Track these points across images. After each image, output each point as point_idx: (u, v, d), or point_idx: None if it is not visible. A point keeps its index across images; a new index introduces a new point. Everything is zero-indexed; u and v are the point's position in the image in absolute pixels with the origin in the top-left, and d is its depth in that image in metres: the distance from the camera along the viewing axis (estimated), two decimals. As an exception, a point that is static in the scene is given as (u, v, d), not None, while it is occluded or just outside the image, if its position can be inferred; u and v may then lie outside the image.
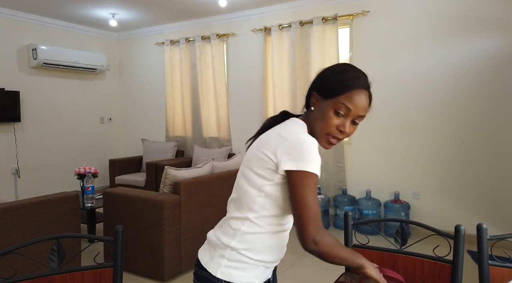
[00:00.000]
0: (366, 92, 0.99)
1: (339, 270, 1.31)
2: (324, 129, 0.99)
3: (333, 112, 0.97)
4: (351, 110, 0.96)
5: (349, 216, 1.31)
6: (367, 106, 0.99)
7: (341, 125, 0.98)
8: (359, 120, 1.00)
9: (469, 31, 3.42)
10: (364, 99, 0.98)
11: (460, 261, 1.13)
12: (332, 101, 0.98)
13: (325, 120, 0.98)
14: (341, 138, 1.00)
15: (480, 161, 3.45)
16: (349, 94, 0.96)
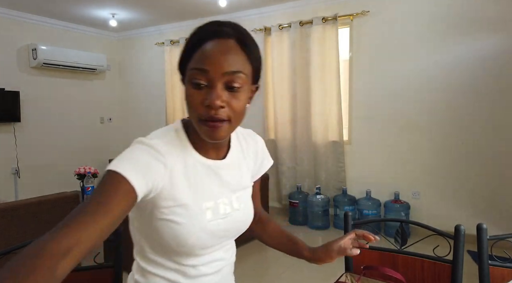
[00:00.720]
0: (221, 40, 0.73)
1: (339, 271, 1.31)
2: (192, 115, 0.75)
3: (191, 87, 0.74)
4: (208, 71, 0.71)
5: (349, 216, 1.31)
6: (233, 56, 0.73)
7: (205, 98, 0.72)
8: (236, 81, 0.73)
9: (469, 31, 3.42)
10: (219, 48, 0.72)
11: (460, 261, 1.13)
12: (187, 75, 0.75)
13: (188, 102, 0.75)
14: (218, 117, 0.72)
15: (480, 161, 3.45)
16: (197, 53, 0.73)
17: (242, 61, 0.74)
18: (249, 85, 0.78)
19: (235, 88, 0.74)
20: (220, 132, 0.75)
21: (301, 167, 4.30)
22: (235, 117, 0.76)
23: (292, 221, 4.16)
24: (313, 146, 4.22)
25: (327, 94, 4.09)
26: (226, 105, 0.73)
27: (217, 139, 0.76)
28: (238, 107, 0.75)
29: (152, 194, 0.74)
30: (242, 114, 0.78)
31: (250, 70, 0.77)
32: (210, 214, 0.82)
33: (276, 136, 4.45)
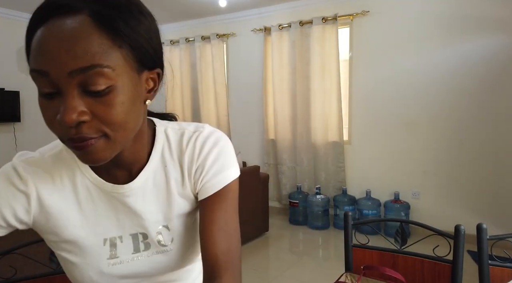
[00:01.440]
0: (62, 19, 0.49)
1: (339, 270, 1.31)
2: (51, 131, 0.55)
3: (39, 96, 0.55)
4: (47, 72, 0.49)
5: (349, 216, 1.31)
6: (81, 43, 0.48)
7: (55, 114, 0.51)
8: (95, 82, 0.49)
9: (469, 31, 3.42)
10: (57, 33, 0.48)
11: (460, 261, 1.13)
12: None
13: (42, 114, 0.56)
14: (81, 137, 0.51)
15: (480, 161, 3.45)
16: (32, 46, 0.51)
17: (101, 46, 0.49)
18: (131, 76, 0.53)
19: (99, 91, 0.50)
20: (95, 154, 0.53)
21: (301, 167, 4.31)
22: (113, 130, 0.52)
23: (292, 221, 4.16)
24: (313, 146, 4.22)
25: (327, 94, 4.09)
26: (91, 117, 0.50)
27: (95, 163, 0.54)
28: (113, 116, 0.51)
29: (24, 227, 0.62)
30: (127, 122, 0.53)
31: (126, 54, 0.52)
32: (110, 253, 0.66)
33: (276, 136, 4.45)
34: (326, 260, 3.27)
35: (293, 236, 3.82)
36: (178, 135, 0.70)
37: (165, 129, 0.71)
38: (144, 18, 0.55)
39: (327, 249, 3.51)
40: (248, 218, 3.47)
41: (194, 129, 0.71)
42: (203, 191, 0.68)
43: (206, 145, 0.68)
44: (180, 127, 0.72)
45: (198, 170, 0.68)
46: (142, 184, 0.66)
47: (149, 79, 0.59)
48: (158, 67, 0.60)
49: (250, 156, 4.70)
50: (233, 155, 0.72)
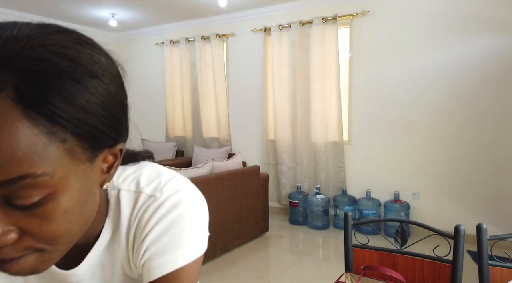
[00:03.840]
0: None
1: (339, 270, 1.31)
2: None
3: None
4: None
5: (349, 216, 1.31)
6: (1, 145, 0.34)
7: None
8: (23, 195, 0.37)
9: (469, 31, 3.43)
10: None
11: (460, 261, 1.13)
12: None
13: None
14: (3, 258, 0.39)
15: (480, 161, 3.45)
16: None
17: (32, 145, 0.35)
18: (78, 170, 0.41)
19: (30, 205, 0.37)
20: (18, 268, 0.40)
21: (301, 167, 4.31)
22: (53, 243, 0.41)
23: (292, 221, 4.16)
24: (313, 146, 4.22)
25: (327, 94, 4.09)
26: (19, 234, 0.38)
27: (24, 275, 0.42)
28: (53, 230, 0.40)
29: None
30: (74, 228, 0.43)
31: (71, 147, 0.39)
32: None
33: (276, 136, 4.45)
34: (326, 260, 3.27)
35: (293, 236, 3.82)
36: (131, 202, 0.55)
37: (118, 192, 0.56)
38: (98, 84, 0.41)
39: (327, 249, 3.51)
40: (248, 218, 3.47)
41: (151, 191, 0.55)
42: (145, 274, 0.54)
43: (154, 216, 0.53)
44: (137, 187, 0.56)
45: (141, 246, 0.53)
46: (90, 267, 0.56)
47: (108, 156, 0.47)
48: (120, 141, 0.48)
49: (250, 156, 4.70)
50: (192, 230, 0.55)
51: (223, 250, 3.19)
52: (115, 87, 0.44)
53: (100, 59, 0.43)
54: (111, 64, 0.45)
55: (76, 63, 0.39)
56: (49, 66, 0.36)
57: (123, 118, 0.48)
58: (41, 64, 0.36)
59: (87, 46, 0.43)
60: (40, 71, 0.36)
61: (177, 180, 0.57)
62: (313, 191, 4.17)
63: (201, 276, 2.63)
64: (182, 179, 0.59)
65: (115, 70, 0.46)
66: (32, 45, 0.36)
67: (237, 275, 2.85)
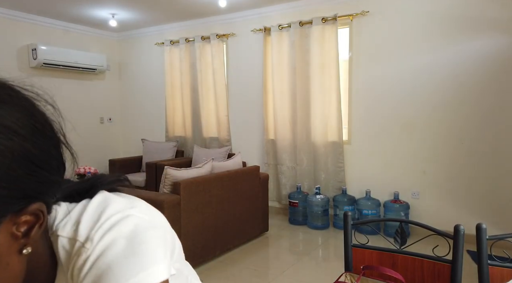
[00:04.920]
0: None
1: (339, 270, 1.31)
2: None
3: None
4: None
5: (348, 216, 1.31)
6: None
7: None
8: None
9: (468, 31, 3.43)
10: None
11: (459, 261, 1.13)
12: None
13: None
14: None
15: (480, 161, 3.45)
16: None
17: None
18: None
19: None
20: None
21: (301, 167, 4.31)
22: None
23: (292, 221, 4.16)
24: (313, 146, 4.23)
25: (327, 94, 4.09)
26: None
27: None
28: None
29: None
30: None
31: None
32: None
33: (275, 136, 4.45)
34: (326, 260, 3.28)
35: (293, 236, 3.82)
36: (68, 250, 0.49)
37: (56, 239, 0.50)
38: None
39: (327, 249, 3.51)
40: (248, 218, 3.47)
41: (84, 238, 0.48)
42: None
43: (82, 270, 0.47)
44: (74, 233, 0.49)
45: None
46: None
47: (20, 219, 0.41)
48: (38, 200, 0.42)
49: (250, 156, 4.70)
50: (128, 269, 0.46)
51: (223, 250, 3.19)
52: (12, 142, 0.38)
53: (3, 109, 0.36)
54: (13, 114, 0.38)
55: None
56: None
57: (34, 173, 0.40)
58: None
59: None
60: None
61: (114, 218, 0.49)
62: (313, 191, 4.17)
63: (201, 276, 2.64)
64: (123, 212, 0.50)
65: (22, 120, 0.39)
66: None
67: (237, 275, 2.85)
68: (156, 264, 0.47)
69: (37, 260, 0.47)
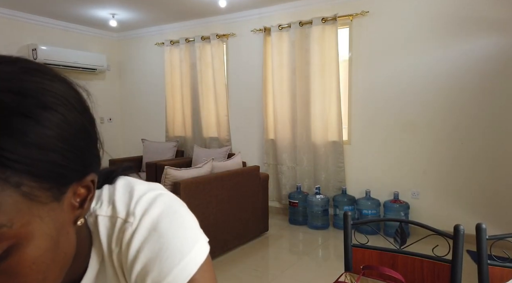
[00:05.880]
0: None
1: (339, 270, 1.31)
2: None
3: None
4: None
5: (348, 216, 1.31)
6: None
7: None
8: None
9: (468, 31, 3.43)
10: None
11: (459, 260, 1.13)
12: None
13: None
14: None
15: (480, 161, 3.45)
16: None
17: None
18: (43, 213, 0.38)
19: None
20: None
21: (301, 167, 4.31)
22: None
23: (291, 221, 4.16)
24: (313, 146, 4.23)
25: (327, 94, 4.09)
26: None
27: None
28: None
29: None
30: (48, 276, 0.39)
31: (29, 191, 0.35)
32: None
33: (275, 136, 4.45)
34: (326, 260, 3.28)
35: (293, 236, 3.82)
36: (109, 228, 0.51)
37: (95, 219, 0.52)
38: (53, 115, 0.37)
39: (327, 249, 3.51)
40: (248, 218, 3.47)
41: (125, 215, 0.51)
42: None
43: (132, 245, 0.49)
44: (112, 211, 0.52)
45: (130, 278, 0.50)
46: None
47: (79, 190, 0.43)
48: (90, 172, 0.44)
49: (250, 156, 4.71)
50: (179, 242, 0.49)
51: (223, 250, 3.19)
52: (74, 114, 0.40)
53: (52, 87, 0.38)
54: (67, 90, 0.41)
55: (23, 96, 0.35)
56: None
57: (90, 146, 0.43)
58: None
59: (36, 74, 0.38)
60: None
61: (149, 194, 0.53)
62: (313, 191, 4.17)
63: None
64: (153, 191, 0.54)
65: (73, 95, 0.42)
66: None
67: (237, 275, 2.86)
68: (202, 235, 0.52)
69: (80, 237, 0.48)
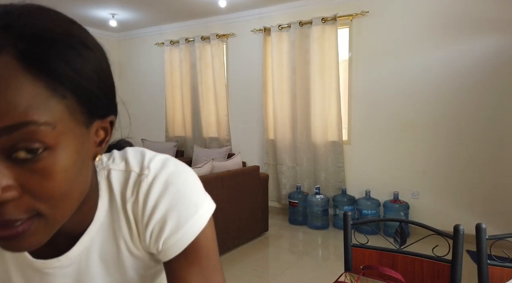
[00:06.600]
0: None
1: (339, 270, 1.31)
2: None
3: None
4: None
5: (348, 216, 1.31)
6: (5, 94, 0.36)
7: None
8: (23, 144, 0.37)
9: (468, 31, 3.43)
10: None
11: (459, 260, 1.13)
12: None
13: None
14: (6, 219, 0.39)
15: (479, 160, 3.45)
16: None
17: (36, 96, 0.37)
18: (76, 131, 0.42)
19: (34, 153, 0.38)
20: (27, 239, 0.41)
21: (301, 167, 4.31)
22: (51, 206, 0.40)
23: (291, 221, 4.16)
24: (313, 146, 4.23)
25: (327, 94, 4.10)
26: (20, 192, 0.38)
27: (25, 250, 0.42)
28: (52, 188, 0.40)
29: None
30: (72, 192, 0.43)
31: (70, 104, 0.40)
32: None
33: (275, 136, 4.45)
34: (326, 260, 3.28)
35: (292, 236, 3.82)
36: (122, 181, 0.54)
37: (109, 172, 0.55)
38: (91, 53, 0.43)
39: (327, 249, 3.51)
40: (248, 218, 3.47)
41: (140, 169, 0.54)
42: (162, 253, 0.54)
43: (150, 197, 0.52)
44: (126, 166, 0.55)
45: (148, 231, 0.53)
46: (86, 248, 0.54)
47: (99, 130, 0.47)
48: (111, 113, 0.48)
49: (250, 156, 4.71)
50: (193, 197, 0.54)
51: (223, 250, 3.19)
52: (106, 62, 0.47)
53: (90, 36, 0.46)
54: (99, 45, 0.48)
55: (70, 33, 0.42)
56: (47, 32, 0.39)
57: (113, 90, 0.48)
58: (39, 30, 0.39)
59: (78, 25, 0.46)
60: (38, 35, 0.38)
61: (160, 155, 0.58)
62: (312, 191, 4.17)
63: (201, 276, 2.64)
64: (164, 155, 0.59)
65: (103, 50, 0.48)
66: (29, 15, 0.40)
67: (237, 275, 2.86)
68: (208, 195, 0.58)
69: (90, 197, 0.52)
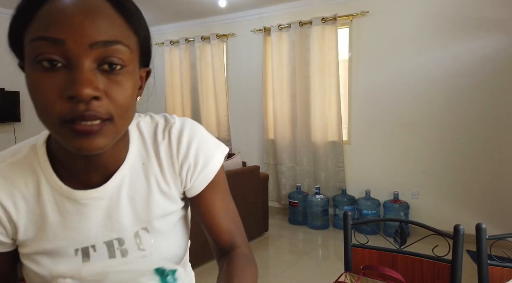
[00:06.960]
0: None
1: (339, 270, 1.31)
2: (46, 115, 0.48)
3: (37, 70, 0.48)
4: (64, 41, 0.45)
5: (348, 216, 1.31)
6: (104, 19, 0.47)
7: (64, 86, 0.46)
8: (115, 56, 0.48)
9: (468, 32, 3.43)
10: (78, 4, 0.46)
11: (459, 260, 1.13)
12: (27, 51, 0.50)
13: (34, 95, 0.48)
14: (92, 114, 0.47)
15: (479, 160, 3.45)
16: (41, 13, 0.48)
17: (120, 27, 0.49)
18: (136, 66, 0.54)
19: (115, 68, 0.49)
20: (98, 139, 0.48)
21: (301, 167, 4.31)
22: (119, 114, 0.50)
23: (291, 221, 4.16)
24: (313, 146, 4.23)
25: (327, 94, 4.10)
26: (103, 95, 0.48)
27: (93, 150, 0.49)
28: (122, 97, 0.50)
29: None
30: (130, 109, 0.52)
31: (136, 43, 0.53)
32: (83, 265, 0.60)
33: (275, 136, 4.45)
34: (326, 260, 3.28)
35: (292, 236, 3.82)
36: (151, 129, 0.65)
37: (138, 123, 0.66)
38: (142, 17, 0.56)
39: (327, 249, 3.51)
40: (248, 218, 3.47)
41: (164, 121, 0.67)
42: (194, 188, 0.67)
43: (183, 139, 0.65)
44: (152, 119, 0.67)
45: (184, 167, 0.65)
46: (118, 185, 0.61)
47: (142, 75, 0.59)
48: (148, 66, 0.60)
49: (250, 156, 4.70)
50: (212, 139, 0.70)
51: (223, 250, 3.19)
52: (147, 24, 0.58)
53: None
54: None
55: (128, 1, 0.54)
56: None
57: (151, 45, 0.59)
58: None
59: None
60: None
61: (178, 116, 0.69)
62: (312, 191, 4.17)
63: (200, 276, 2.63)
64: None
65: None
66: None
67: (237, 275, 2.84)
68: None
69: (125, 134, 0.62)
